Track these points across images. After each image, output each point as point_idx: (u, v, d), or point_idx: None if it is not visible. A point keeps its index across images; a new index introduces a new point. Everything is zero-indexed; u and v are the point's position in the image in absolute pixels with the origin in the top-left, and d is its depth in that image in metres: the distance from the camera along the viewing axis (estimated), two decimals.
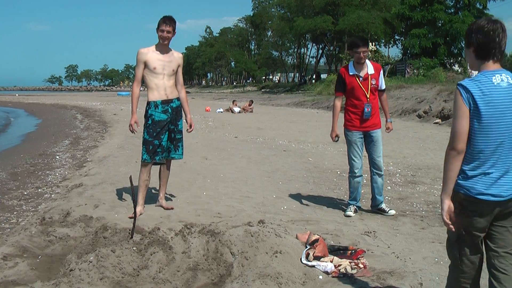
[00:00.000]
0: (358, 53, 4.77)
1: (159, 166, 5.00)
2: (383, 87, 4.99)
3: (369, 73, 4.84)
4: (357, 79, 4.85)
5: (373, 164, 4.99)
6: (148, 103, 4.69)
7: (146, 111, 4.71)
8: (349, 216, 4.91)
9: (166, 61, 4.70)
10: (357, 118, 4.91)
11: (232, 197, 5.56)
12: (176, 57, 4.82)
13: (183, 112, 4.93)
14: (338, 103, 5.06)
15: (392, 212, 4.94)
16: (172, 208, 4.86)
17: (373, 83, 4.84)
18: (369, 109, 4.84)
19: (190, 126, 4.99)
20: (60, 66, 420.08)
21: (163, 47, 4.71)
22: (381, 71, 4.97)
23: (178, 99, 4.83)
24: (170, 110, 4.73)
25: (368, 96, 4.83)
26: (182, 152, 4.97)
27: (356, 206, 5.07)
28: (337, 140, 5.19)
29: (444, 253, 3.85)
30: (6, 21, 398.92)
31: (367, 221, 4.76)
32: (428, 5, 31.93)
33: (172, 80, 4.79)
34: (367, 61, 4.89)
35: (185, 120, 4.93)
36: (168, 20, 4.63)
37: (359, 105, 4.86)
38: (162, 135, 4.70)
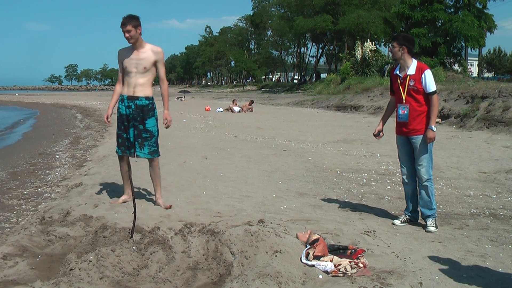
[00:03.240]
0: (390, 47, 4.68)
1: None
2: (429, 89, 4.52)
3: (408, 73, 4.57)
4: (398, 79, 4.66)
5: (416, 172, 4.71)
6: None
7: None
8: (393, 224, 4.68)
9: (135, 59, 4.75)
10: (396, 121, 4.74)
11: (232, 197, 5.56)
12: (150, 53, 4.76)
13: (156, 112, 4.90)
14: (390, 103, 4.96)
15: (431, 229, 4.51)
16: (170, 207, 4.87)
17: (411, 84, 4.53)
18: (405, 112, 4.58)
19: (166, 121, 4.88)
20: (60, 66, 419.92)
21: (134, 46, 4.76)
22: (426, 72, 4.53)
23: (147, 98, 4.80)
24: (133, 107, 4.79)
25: (404, 98, 4.58)
26: (150, 152, 4.85)
27: (409, 216, 4.75)
28: (378, 135, 4.99)
29: (444, 252, 3.86)
30: (5, 21, 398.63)
31: (367, 221, 4.76)
32: (428, 4, 31.91)
33: (145, 78, 4.78)
34: (413, 62, 4.61)
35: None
36: (125, 20, 4.66)
37: (396, 107, 4.71)
38: (129, 129, 4.83)
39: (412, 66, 4.61)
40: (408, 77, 4.58)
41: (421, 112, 4.57)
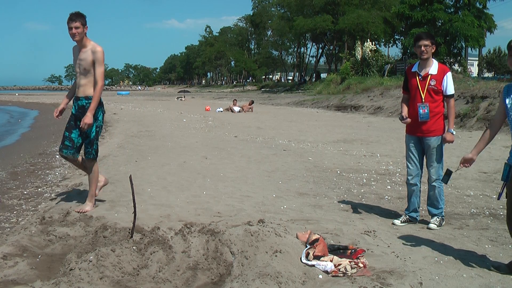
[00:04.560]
0: (419, 46, 4.50)
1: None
2: (449, 92, 4.49)
3: (430, 72, 4.50)
4: (417, 77, 4.56)
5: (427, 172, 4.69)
6: None
7: None
8: (393, 224, 4.68)
9: (78, 59, 4.67)
10: (411, 121, 4.62)
11: (232, 197, 5.56)
12: (89, 53, 4.62)
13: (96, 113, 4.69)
14: (404, 101, 4.78)
15: (432, 226, 4.57)
16: (84, 211, 4.68)
17: (432, 84, 4.48)
18: (425, 110, 4.49)
19: (83, 123, 4.59)
20: (60, 66, 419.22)
21: (79, 45, 4.66)
22: (448, 74, 4.52)
23: (86, 98, 4.67)
24: (76, 107, 4.76)
25: (423, 97, 4.52)
26: (86, 152, 4.75)
27: (409, 216, 4.73)
28: (404, 119, 4.64)
29: (444, 252, 3.86)
30: (4, 21, 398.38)
31: (367, 221, 4.76)
32: (427, 4, 31.92)
33: (86, 79, 4.66)
34: (434, 62, 4.57)
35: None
36: (74, 16, 4.57)
37: (414, 106, 4.58)
38: (73, 129, 4.73)
39: (434, 66, 4.56)
40: (430, 76, 4.52)
41: (437, 113, 4.54)
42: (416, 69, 4.64)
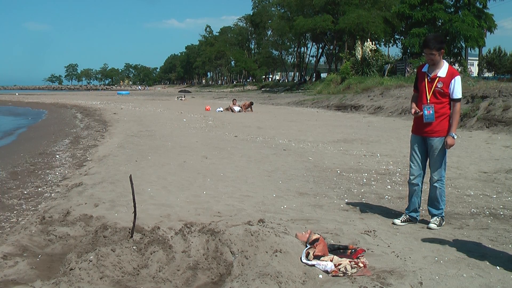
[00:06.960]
0: (424, 53, 4.55)
1: None
2: (455, 96, 4.49)
3: (439, 75, 4.51)
4: (425, 78, 4.59)
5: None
6: None
7: None
8: (393, 223, 4.68)
9: None
10: (415, 121, 4.68)
11: (232, 196, 5.56)
12: None
13: None
14: (414, 99, 4.78)
15: (432, 225, 4.58)
16: None
17: (439, 86, 4.49)
18: (430, 112, 4.50)
19: None
20: (60, 65, 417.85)
21: None
22: (456, 78, 4.49)
23: None
24: None
25: (428, 98, 4.53)
26: None
27: (409, 216, 4.74)
28: (417, 112, 4.62)
29: (444, 252, 3.86)
30: (4, 21, 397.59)
31: (367, 220, 4.76)
32: (428, 4, 31.94)
33: None
34: (445, 64, 4.56)
35: None
36: None
37: (420, 107, 4.60)
38: None
39: (444, 68, 4.56)
40: (438, 78, 4.53)
41: (442, 114, 4.54)
42: (426, 69, 4.66)
